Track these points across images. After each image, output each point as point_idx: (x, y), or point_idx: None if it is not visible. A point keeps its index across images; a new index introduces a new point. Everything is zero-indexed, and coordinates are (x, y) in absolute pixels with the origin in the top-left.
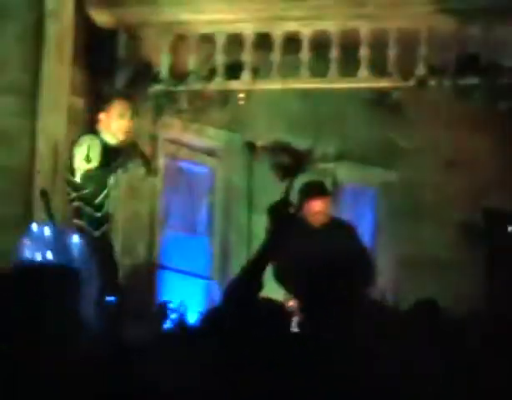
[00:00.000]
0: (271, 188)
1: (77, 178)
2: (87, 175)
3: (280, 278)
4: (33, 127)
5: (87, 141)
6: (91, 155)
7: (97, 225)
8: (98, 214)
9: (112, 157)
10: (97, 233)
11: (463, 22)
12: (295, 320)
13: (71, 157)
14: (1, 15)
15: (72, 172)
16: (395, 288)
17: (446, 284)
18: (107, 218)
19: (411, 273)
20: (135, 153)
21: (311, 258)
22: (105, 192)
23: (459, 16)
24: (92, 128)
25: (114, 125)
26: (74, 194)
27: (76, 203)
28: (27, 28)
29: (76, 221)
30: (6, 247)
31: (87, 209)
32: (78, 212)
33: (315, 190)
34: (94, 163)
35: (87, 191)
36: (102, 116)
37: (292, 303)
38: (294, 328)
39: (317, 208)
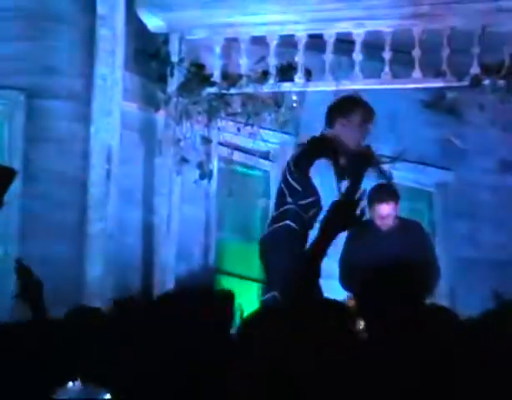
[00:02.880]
0: (328, 190)
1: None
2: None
3: (346, 282)
4: (86, 133)
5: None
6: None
7: (306, 224)
8: (305, 215)
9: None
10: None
11: None
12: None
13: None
14: (53, 20)
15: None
16: (451, 289)
17: (504, 286)
18: (314, 217)
19: (468, 275)
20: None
21: (376, 262)
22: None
23: None
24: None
25: (351, 133)
26: (290, 199)
27: (288, 206)
28: (79, 33)
29: (287, 222)
30: (60, 253)
31: (295, 209)
32: (287, 214)
33: (381, 194)
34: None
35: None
36: (341, 120)
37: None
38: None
39: (382, 212)
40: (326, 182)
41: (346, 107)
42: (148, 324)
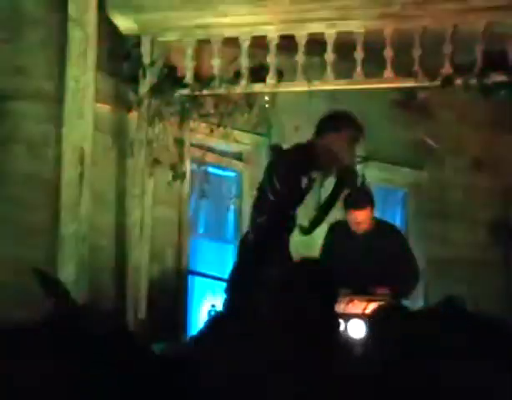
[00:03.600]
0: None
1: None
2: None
3: None
4: (58, 135)
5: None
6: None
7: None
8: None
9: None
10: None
11: (489, 20)
12: None
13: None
14: (24, 21)
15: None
16: (424, 289)
17: (475, 284)
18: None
19: (440, 274)
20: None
21: (351, 265)
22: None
23: (486, 13)
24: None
25: (340, 148)
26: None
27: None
28: (50, 35)
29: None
30: (32, 256)
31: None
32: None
33: (356, 200)
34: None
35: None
36: (332, 134)
37: None
38: None
39: (357, 219)
40: None
41: (339, 122)
42: None
